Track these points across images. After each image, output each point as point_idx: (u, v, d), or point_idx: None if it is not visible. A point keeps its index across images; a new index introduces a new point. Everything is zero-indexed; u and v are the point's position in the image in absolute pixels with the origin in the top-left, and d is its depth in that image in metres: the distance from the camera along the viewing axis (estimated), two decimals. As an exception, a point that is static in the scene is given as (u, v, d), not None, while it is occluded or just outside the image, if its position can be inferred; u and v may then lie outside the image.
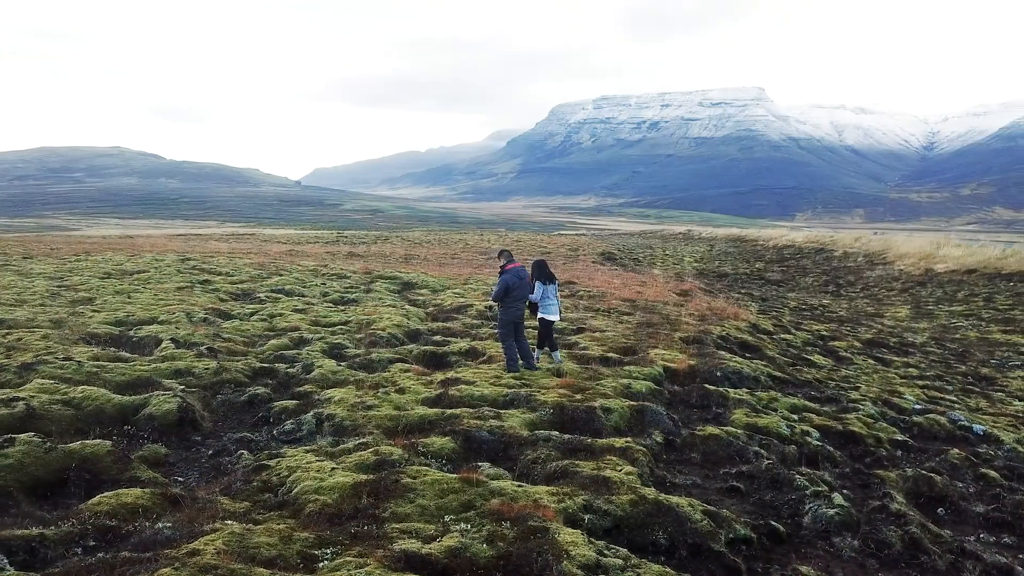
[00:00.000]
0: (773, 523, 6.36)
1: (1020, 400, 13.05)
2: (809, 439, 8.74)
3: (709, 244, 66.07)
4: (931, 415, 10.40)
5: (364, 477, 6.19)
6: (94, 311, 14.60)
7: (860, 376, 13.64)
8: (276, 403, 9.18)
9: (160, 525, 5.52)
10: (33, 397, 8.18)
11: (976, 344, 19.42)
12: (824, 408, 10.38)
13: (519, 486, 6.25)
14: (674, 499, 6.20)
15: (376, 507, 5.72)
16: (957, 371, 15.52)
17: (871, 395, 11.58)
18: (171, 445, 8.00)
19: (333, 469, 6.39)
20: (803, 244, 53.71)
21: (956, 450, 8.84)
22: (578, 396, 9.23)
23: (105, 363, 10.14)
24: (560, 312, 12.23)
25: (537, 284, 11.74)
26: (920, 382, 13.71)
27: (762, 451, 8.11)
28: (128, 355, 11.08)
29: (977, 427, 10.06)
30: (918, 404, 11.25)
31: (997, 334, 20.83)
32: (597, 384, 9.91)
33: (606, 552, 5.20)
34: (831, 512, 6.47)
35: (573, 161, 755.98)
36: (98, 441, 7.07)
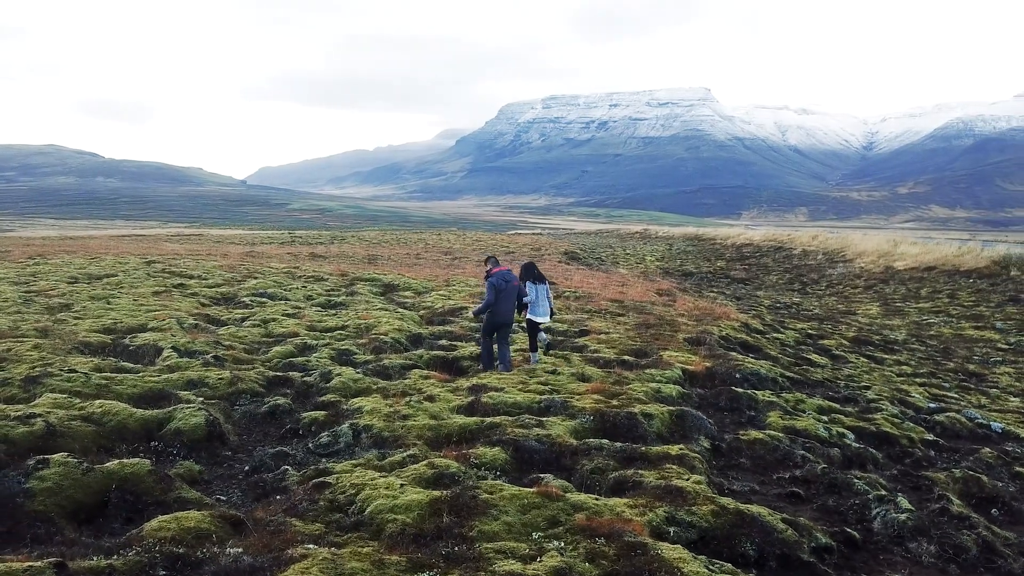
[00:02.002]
0: (848, 530, 6.30)
1: (1015, 396, 13.38)
2: (847, 441, 8.77)
3: (668, 243, 66.74)
4: (950, 414, 10.55)
5: (438, 493, 5.91)
6: (77, 318, 13.89)
7: (862, 375, 13.81)
8: (304, 414, 8.79)
9: (232, 551, 5.17)
10: (49, 413, 7.66)
11: (953, 341, 19.92)
12: (847, 409, 10.44)
13: (597, 499, 6.06)
14: (755, 508, 6.08)
15: (460, 526, 5.46)
16: (946, 368, 15.86)
17: (885, 394, 11.72)
18: (202, 461, 7.59)
19: (403, 486, 6.09)
20: (761, 243, 54.65)
21: (987, 449, 8.97)
22: (614, 402, 9.07)
23: (111, 374, 9.61)
24: (553, 313, 12.14)
25: (528, 285, 11.72)
26: (918, 380, 13.95)
27: (808, 455, 8.07)
28: (130, 365, 10.53)
29: (995, 425, 10.25)
30: (932, 403, 11.41)
31: (970, 330, 21.42)
32: (627, 388, 9.77)
33: (711, 567, 5.06)
34: (902, 517, 6.43)
35: (523, 160, 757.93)
36: (136, 460, 6.63)
